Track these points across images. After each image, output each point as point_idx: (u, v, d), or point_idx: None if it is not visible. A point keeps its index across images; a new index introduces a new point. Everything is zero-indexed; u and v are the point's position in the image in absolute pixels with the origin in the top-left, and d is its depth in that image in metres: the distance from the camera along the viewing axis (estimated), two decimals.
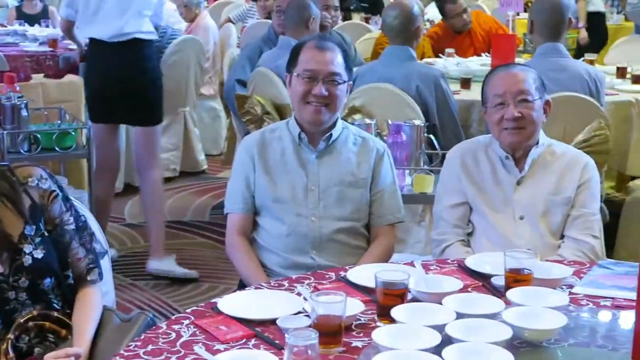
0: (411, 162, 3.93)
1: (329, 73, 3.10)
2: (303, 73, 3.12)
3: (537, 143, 3.15)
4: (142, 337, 2.19)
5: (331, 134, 3.16)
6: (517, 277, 2.40)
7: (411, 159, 3.94)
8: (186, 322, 2.27)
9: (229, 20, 8.65)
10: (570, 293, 2.49)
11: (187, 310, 2.36)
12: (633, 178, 5.16)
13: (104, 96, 4.83)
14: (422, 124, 4.08)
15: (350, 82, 3.23)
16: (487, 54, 6.39)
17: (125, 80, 4.77)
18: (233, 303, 2.36)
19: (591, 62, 5.93)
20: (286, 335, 1.92)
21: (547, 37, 4.66)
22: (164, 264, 5.07)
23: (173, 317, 2.32)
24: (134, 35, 4.73)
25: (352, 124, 3.89)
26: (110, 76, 4.78)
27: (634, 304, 1.97)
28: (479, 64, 6.02)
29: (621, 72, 5.89)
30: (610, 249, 4.71)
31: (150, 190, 5.07)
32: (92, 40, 4.87)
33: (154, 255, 5.09)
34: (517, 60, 5.94)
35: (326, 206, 3.12)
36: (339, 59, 3.13)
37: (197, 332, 2.21)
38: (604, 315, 2.37)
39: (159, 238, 5.10)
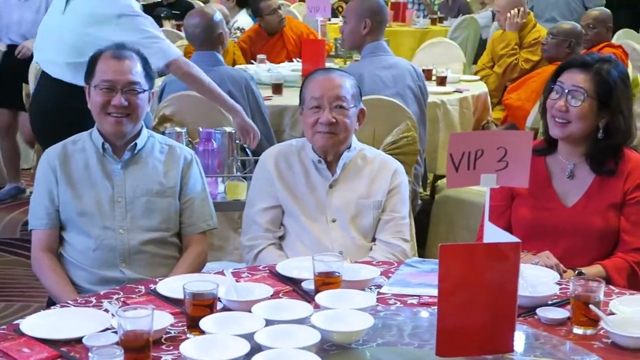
0: (224, 170, 3.91)
1: (127, 82, 3.04)
2: (101, 84, 3.04)
3: (350, 147, 3.20)
4: None
5: (136, 144, 3.10)
6: (325, 280, 2.43)
7: (224, 166, 3.92)
8: None
9: None
10: (379, 293, 2.54)
11: None
12: (442, 177, 5.33)
13: None
14: (234, 131, 4.07)
15: (153, 91, 3.18)
16: (298, 59, 6.46)
17: None
18: (37, 323, 2.27)
19: None
20: (90, 354, 1.87)
21: (378, 36, 4.80)
22: None
23: None
24: None
25: (163, 133, 3.84)
26: None
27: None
28: (290, 69, 6.08)
29: (427, 75, 6.07)
30: (424, 247, 4.86)
31: None
32: None
33: None
34: (329, 64, 6.06)
35: (134, 217, 3.06)
36: (137, 67, 3.08)
37: None
38: (411, 314, 2.42)
39: None
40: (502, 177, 2.14)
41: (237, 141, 4.02)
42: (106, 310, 2.34)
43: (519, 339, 2.25)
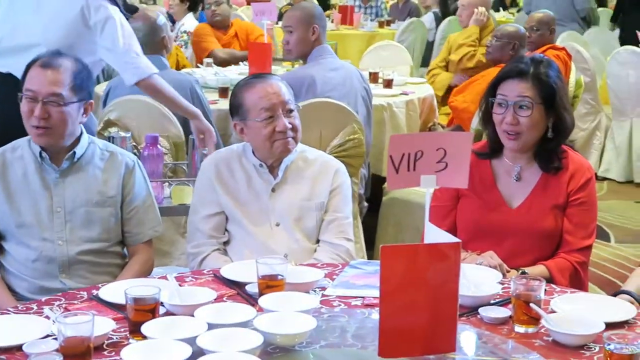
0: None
1: (48, 94, 2.91)
2: (25, 92, 2.95)
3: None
4: None
5: (74, 152, 3.02)
6: (269, 283, 2.43)
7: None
8: None
9: None
10: (323, 295, 2.54)
11: None
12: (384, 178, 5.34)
13: None
14: (182, 135, 4.05)
15: (90, 101, 3.05)
16: (245, 62, 6.46)
17: None
18: None
19: None
20: None
21: (322, 40, 4.81)
22: None
23: None
24: None
25: (109, 137, 3.80)
26: None
27: None
28: (237, 72, 6.07)
29: (373, 77, 6.10)
30: (372, 249, 4.88)
31: None
32: None
33: None
34: (276, 68, 6.07)
35: (73, 228, 3.00)
36: (65, 78, 2.94)
37: None
38: (354, 315, 2.42)
39: None
40: (441, 178, 2.15)
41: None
42: (47, 317, 2.32)
43: (466, 339, 2.28)
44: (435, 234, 2.12)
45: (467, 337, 2.30)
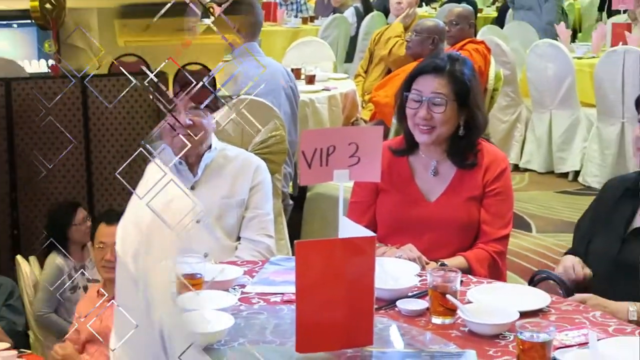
0: None
1: None
2: None
3: (210, 147, 3.17)
4: None
5: None
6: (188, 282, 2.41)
7: None
8: None
9: None
10: (243, 293, 2.53)
11: None
12: None
13: None
14: None
15: None
16: None
17: None
18: None
19: None
20: None
21: (251, 37, 4.80)
22: None
23: None
24: None
25: None
26: None
27: None
28: None
29: (296, 73, 6.09)
30: None
31: None
32: None
33: None
34: None
35: None
36: None
37: None
38: (273, 311, 2.42)
39: None
40: (354, 173, 2.16)
41: None
42: None
43: (384, 331, 2.30)
44: (350, 229, 2.13)
45: (385, 330, 2.32)
